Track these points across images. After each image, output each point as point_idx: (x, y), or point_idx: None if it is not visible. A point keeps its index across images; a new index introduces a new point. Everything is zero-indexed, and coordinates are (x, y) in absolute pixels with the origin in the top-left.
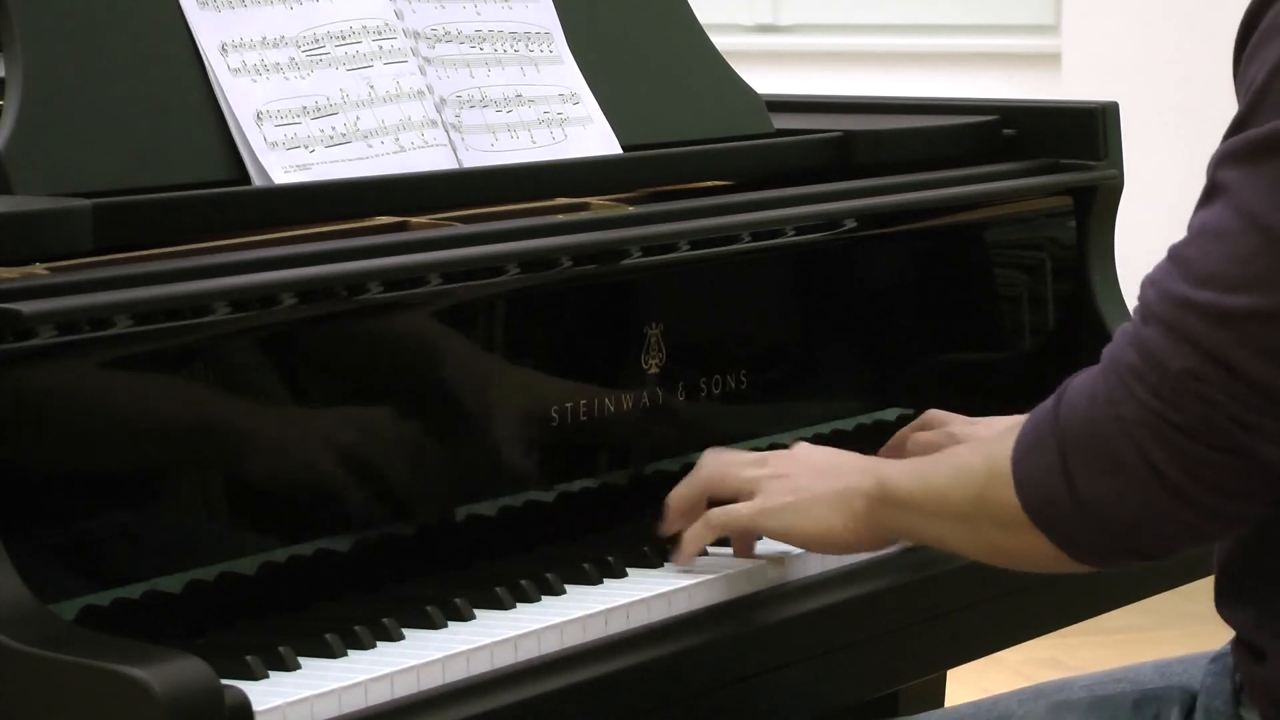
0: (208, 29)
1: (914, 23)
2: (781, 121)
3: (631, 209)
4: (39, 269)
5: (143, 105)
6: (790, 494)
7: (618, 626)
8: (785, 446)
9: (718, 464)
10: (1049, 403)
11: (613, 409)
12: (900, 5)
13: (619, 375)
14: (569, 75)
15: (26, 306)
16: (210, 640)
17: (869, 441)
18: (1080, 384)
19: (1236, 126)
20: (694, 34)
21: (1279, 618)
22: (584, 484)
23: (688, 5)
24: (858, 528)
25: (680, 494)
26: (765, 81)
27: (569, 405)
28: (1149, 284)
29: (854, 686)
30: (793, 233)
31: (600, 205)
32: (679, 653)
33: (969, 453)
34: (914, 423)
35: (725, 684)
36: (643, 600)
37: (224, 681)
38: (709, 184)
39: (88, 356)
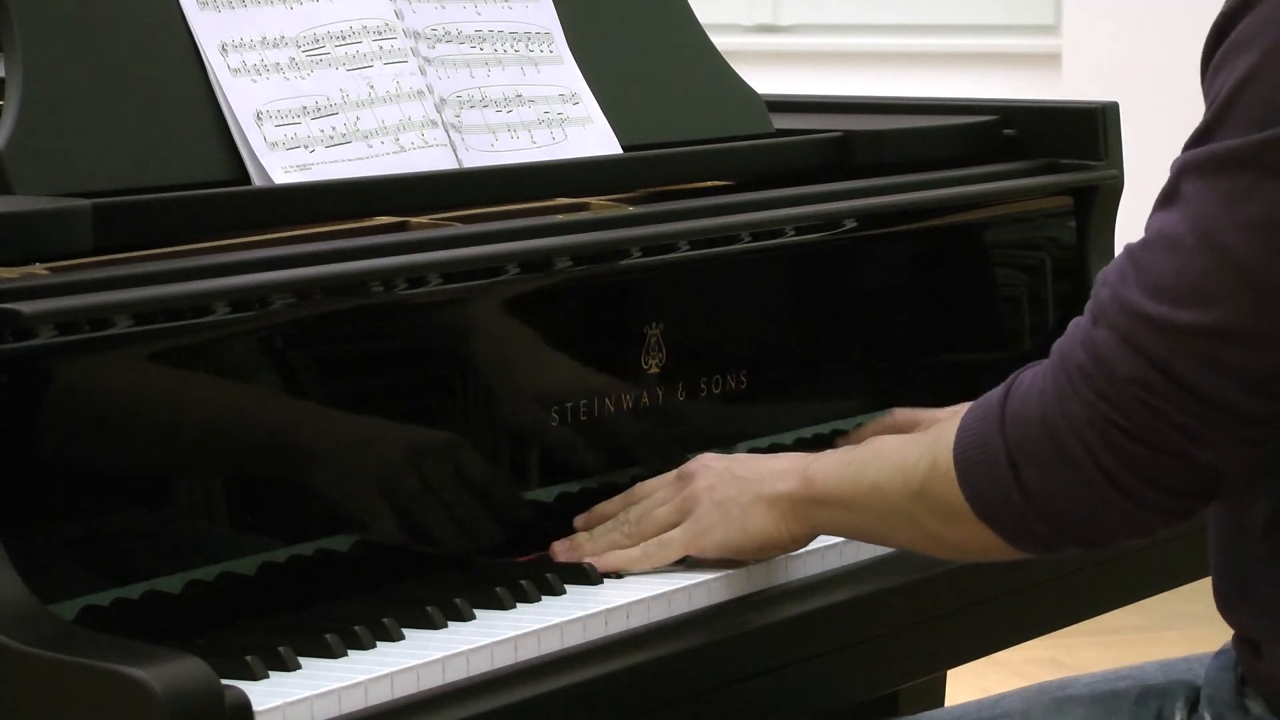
0: (208, 29)
1: (914, 23)
2: (781, 121)
3: (631, 209)
4: (39, 269)
5: (143, 105)
6: (717, 509)
7: (618, 627)
8: (787, 447)
9: (634, 503)
10: (995, 397)
11: (613, 409)
12: (900, 5)
13: (619, 375)
14: (569, 75)
15: (26, 306)
16: (210, 640)
17: None
18: (1029, 380)
19: (1201, 135)
20: (694, 34)
21: (1272, 616)
22: (584, 484)
23: (688, 5)
24: (792, 529)
25: (595, 546)
26: (765, 81)
27: (569, 405)
28: (1104, 284)
29: (854, 686)
30: (793, 233)
31: (600, 205)
32: (679, 653)
33: (905, 447)
34: (880, 423)
35: (725, 684)
36: (643, 600)
37: (224, 681)
38: (709, 184)
39: (88, 356)
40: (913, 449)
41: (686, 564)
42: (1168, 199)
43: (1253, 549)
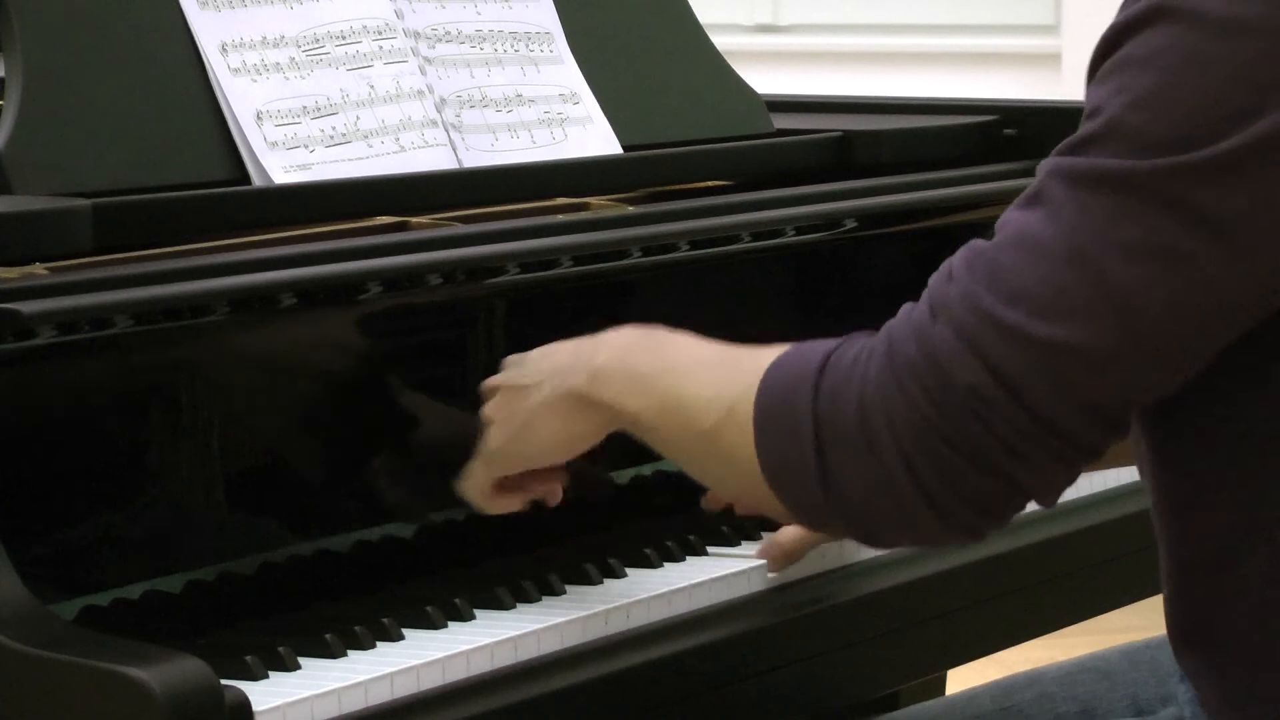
0: (208, 29)
1: (914, 23)
2: (781, 121)
3: (631, 209)
4: (39, 269)
5: (143, 105)
6: (507, 424)
7: (618, 626)
8: None
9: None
10: (810, 361)
11: None
12: (900, 5)
13: None
14: (569, 75)
15: (26, 306)
16: (210, 640)
17: None
18: (851, 358)
19: (1081, 144)
20: (694, 34)
21: (1220, 667)
22: None
23: (688, 5)
24: (579, 426)
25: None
26: (765, 81)
27: None
28: (949, 279)
29: (854, 686)
30: (793, 233)
31: (600, 205)
32: (679, 653)
33: (698, 375)
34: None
35: (725, 683)
36: (643, 600)
37: (224, 681)
38: (709, 184)
39: (88, 356)
40: (707, 385)
41: (686, 564)
42: (1030, 200)
43: (1198, 597)
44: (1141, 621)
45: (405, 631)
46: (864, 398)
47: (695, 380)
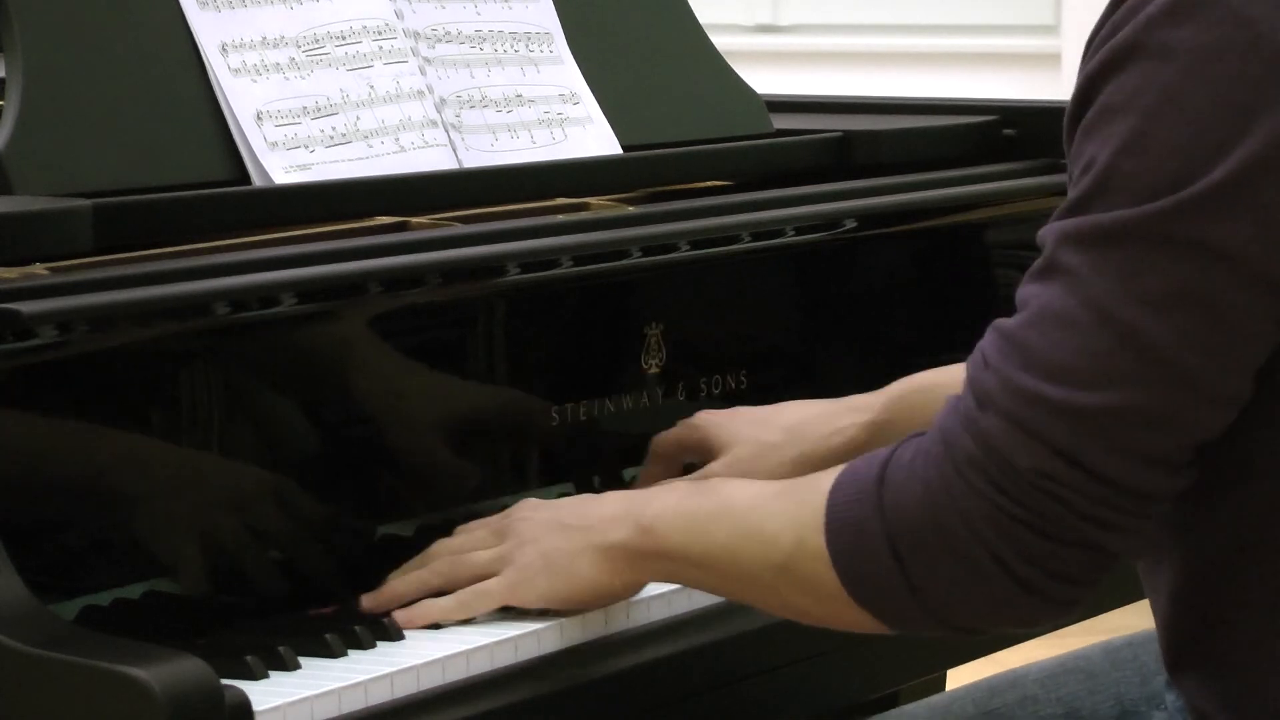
0: (208, 29)
1: (914, 23)
2: (781, 121)
3: (631, 209)
4: (39, 269)
5: (143, 105)
6: (541, 559)
7: (618, 626)
8: None
9: (448, 552)
10: (868, 478)
11: (613, 409)
12: (900, 5)
13: (619, 375)
14: (569, 75)
15: (26, 306)
16: (210, 640)
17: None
18: (908, 465)
19: (1078, 205)
20: (694, 34)
21: (1220, 689)
22: (583, 484)
23: (688, 5)
24: (628, 579)
25: (406, 587)
26: (765, 81)
27: (569, 405)
28: (985, 366)
29: (854, 686)
30: (793, 233)
31: (600, 205)
32: (679, 653)
33: (760, 510)
34: (678, 439)
35: (725, 683)
36: (643, 600)
37: (224, 681)
38: (709, 184)
39: (88, 356)
40: (770, 516)
41: None
42: (1045, 272)
43: (1195, 619)
44: (1140, 621)
45: (405, 631)
46: (931, 500)
47: (758, 515)
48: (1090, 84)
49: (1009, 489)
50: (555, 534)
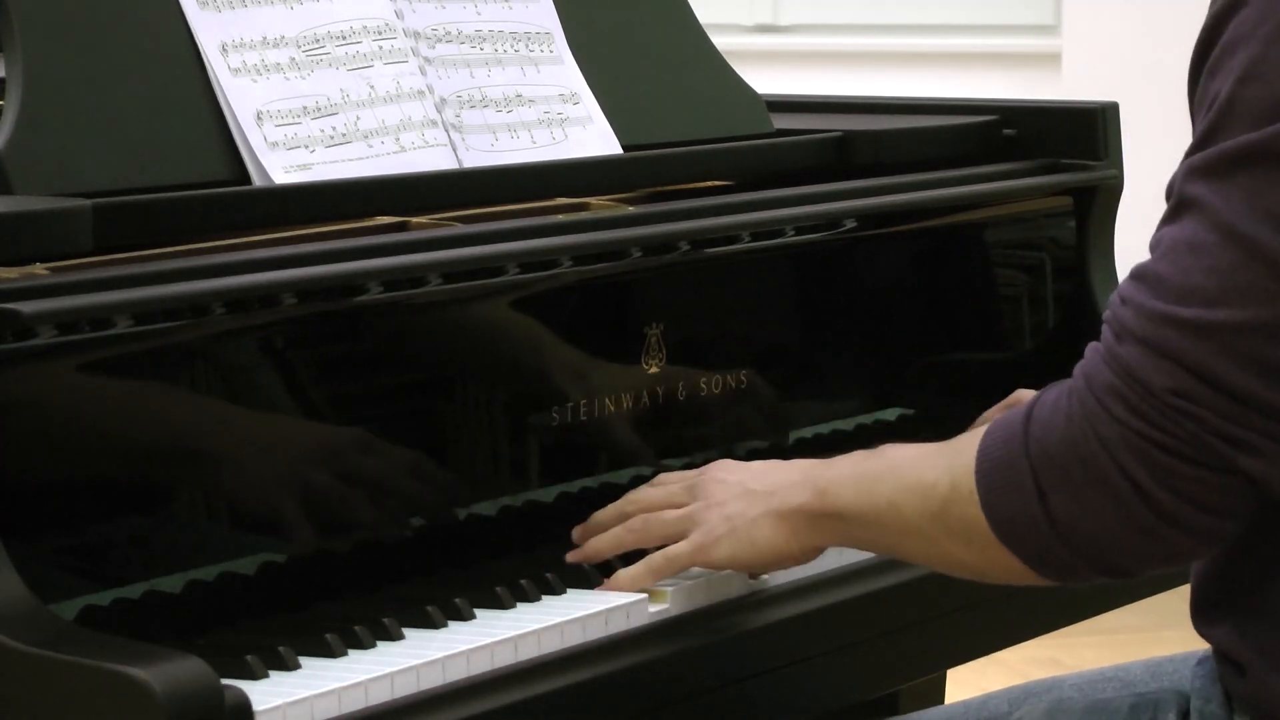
0: (208, 29)
1: (914, 23)
2: (781, 121)
3: (631, 209)
4: (39, 269)
5: (143, 105)
6: (726, 522)
7: (618, 626)
8: (788, 447)
9: (643, 503)
10: (1016, 419)
11: (613, 409)
12: (900, 5)
13: (619, 375)
14: (569, 75)
15: (26, 306)
16: (210, 640)
17: (869, 442)
18: (1052, 403)
19: (1204, 139)
20: (694, 34)
21: (1255, 633)
22: (584, 484)
23: (688, 5)
24: (805, 542)
25: (604, 544)
26: (765, 81)
27: (569, 405)
28: (1122, 303)
29: (854, 686)
30: (793, 233)
31: (600, 205)
32: (679, 653)
33: (921, 463)
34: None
35: (725, 684)
36: (643, 600)
37: (224, 681)
38: (709, 184)
39: (88, 356)
40: (929, 468)
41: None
42: (1175, 212)
43: (1232, 564)
44: (1140, 620)
45: (405, 631)
46: (1072, 432)
47: (918, 468)
48: (1214, 26)
49: (1147, 413)
50: (740, 499)
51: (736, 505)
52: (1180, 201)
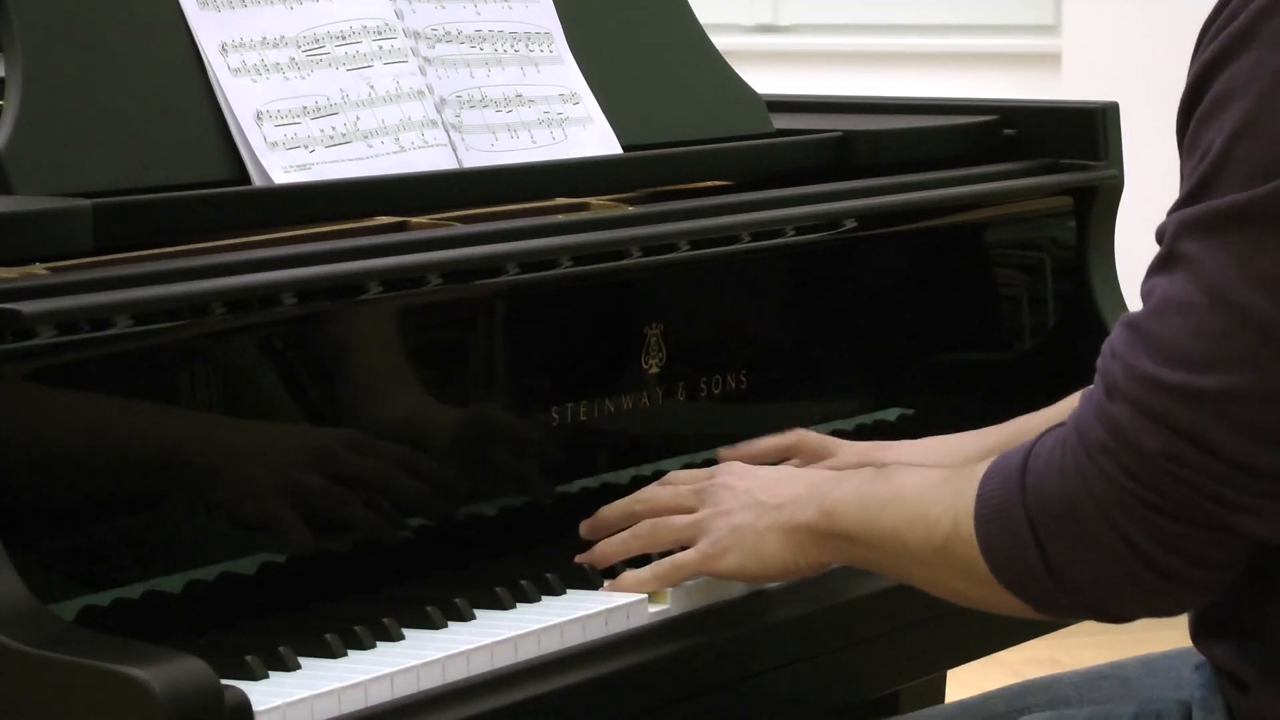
0: (208, 29)
1: (914, 23)
2: (781, 121)
3: (631, 209)
4: (39, 269)
5: (143, 105)
6: (734, 533)
7: (618, 626)
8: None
9: (653, 504)
10: (1013, 465)
11: (613, 409)
12: (900, 5)
13: (619, 375)
14: (569, 75)
15: (26, 306)
16: (210, 640)
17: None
18: (1047, 453)
19: (1195, 193)
20: (694, 34)
21: (1257, 655)
22: (584, 484)
23: (688, 5)
24: (812, 559)
25: (612, 549)
26: (765, 81)
27: (569, 405)
28: (1112, 357)
29: (854, 686)
30: (793, 233)
31: (600, 205)
32: (679, 653)
33: (927, 495)
34: (778, 440)
35: (726, 684)
36: (642, 600)
37: (224, 681)
38: (709, 184)
39: (87, 356)
40: (934, 501)
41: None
42: (1166, 262)
43: (1233, 588)
44: (1141, 621)
45: (405, 631)
46: (1066, 487)
47: (923, 500)
48: (1205, 72)
49: (1139, 474)
50: (749, 509)
51: (744, 516)
52: (1171, 254)
